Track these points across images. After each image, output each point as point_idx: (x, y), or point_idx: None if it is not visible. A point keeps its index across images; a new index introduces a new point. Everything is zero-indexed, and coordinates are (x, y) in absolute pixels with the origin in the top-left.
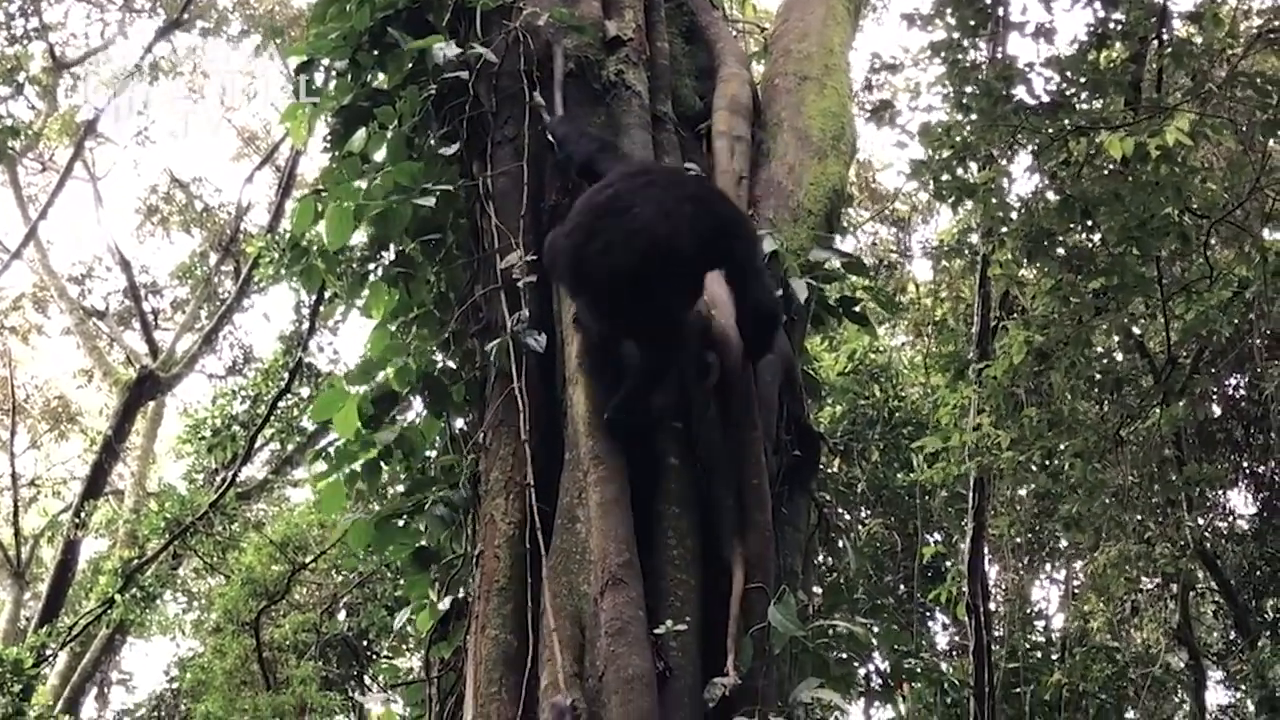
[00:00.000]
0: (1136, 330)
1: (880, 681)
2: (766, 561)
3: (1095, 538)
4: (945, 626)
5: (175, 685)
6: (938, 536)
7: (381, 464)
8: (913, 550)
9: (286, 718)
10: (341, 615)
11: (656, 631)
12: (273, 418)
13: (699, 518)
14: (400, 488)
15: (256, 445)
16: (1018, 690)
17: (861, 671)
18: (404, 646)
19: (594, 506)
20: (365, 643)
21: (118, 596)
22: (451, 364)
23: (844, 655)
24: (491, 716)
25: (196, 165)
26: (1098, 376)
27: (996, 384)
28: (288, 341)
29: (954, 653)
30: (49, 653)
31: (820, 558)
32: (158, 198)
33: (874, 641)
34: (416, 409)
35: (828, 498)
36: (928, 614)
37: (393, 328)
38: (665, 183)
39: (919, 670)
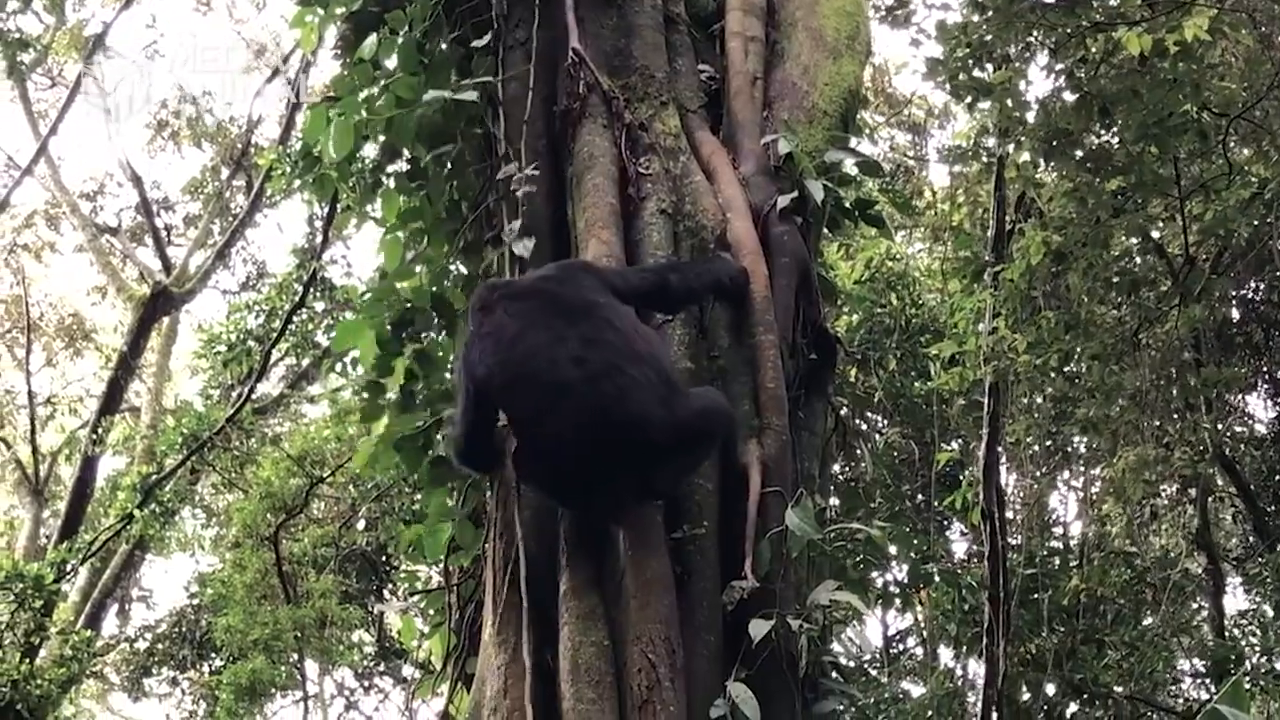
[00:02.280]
0: (1155, 234)
1: (898, 587)
2: (783, 465)
3: (1113, 442)
4: (963, 533)
5: (196, 601)
6: (954, 445)
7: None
8: (929, 459)
9: (307, 631)
10: (360, 526)
11: (674, 536)
12: (287, 332)
13: None
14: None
15: (272, 360)
16: (1035, 596)
17: (880, 582)
18: (422, 559)
19: None
20: (384, 557)
21: (136, 512)
22: (465, 271)
23: (862, 559)
24: (511, 623)
25: (206, 79)
26: (1115, 278)
27: (1013, 287)
28: (301, 255)
29: (971, 561)
30: (69, 568)
31: (838, 463)
32: (168, 113)
33: (891, 545)
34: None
35: (845, 403)
36: (944, 523)
37: (404, 235)
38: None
39: (936, 574)
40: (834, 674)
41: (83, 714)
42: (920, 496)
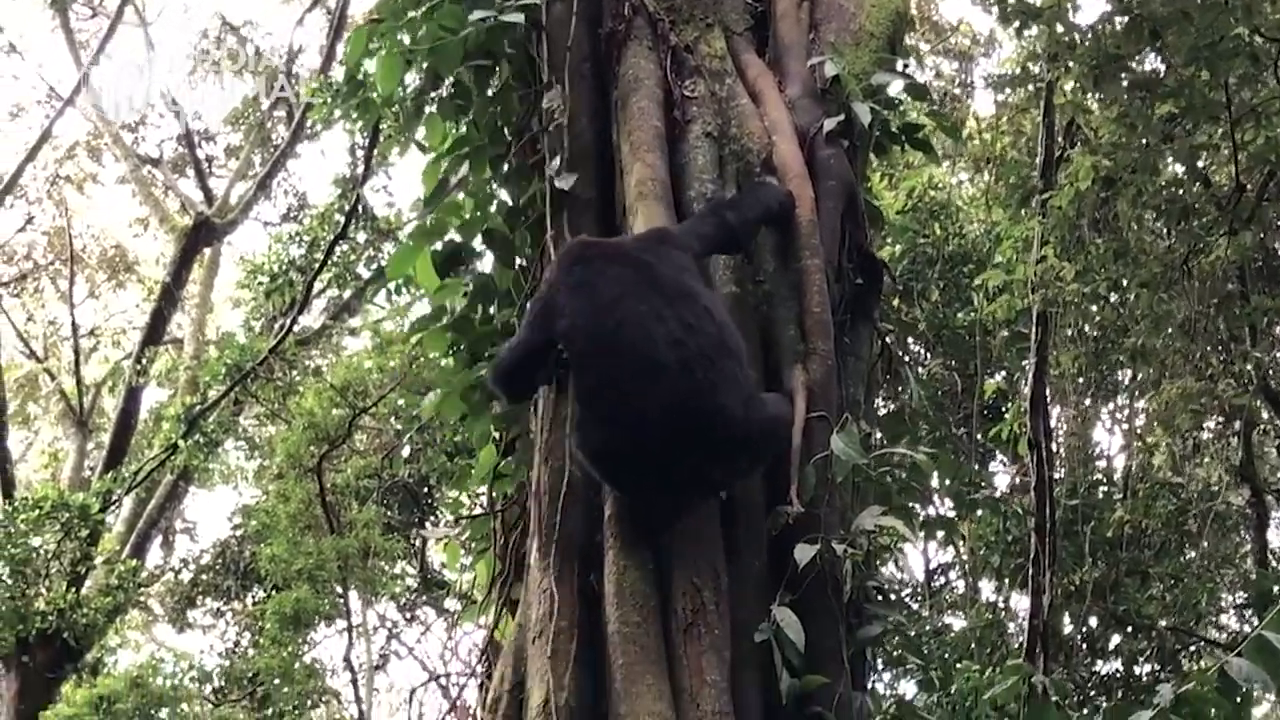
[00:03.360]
0: (1201, 164)
1: (941, 519)
2: (829, 390)
3: (1160, 372)
4: (1004, 465)
5: (239, 532)
6: (999, 377)
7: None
8: (973, 392)
9: (350, 561)
10: (405, 452)
11: None
12: (329, 263)
13: (761, 346)
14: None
15: (314, 292)
16: (1078, 529)
17: (923, 513)
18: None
19: None
20: (426, 489)
21: (180, 443)
22: (509, 200)
23: (906, 485)
24: (556, 546)
25: (247, 9)
26: (1164, 206)
27: (1061, 214)
28: (343, 184)
29: (1014, 493)
30: (114, 498)
31: (883, 391)
32: (209, 43)
33: (936, 471)
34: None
35: (891, 329)
36: (988, 455)
37: (446, 162)
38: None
39: (980, 502)
40: (878, 599)
41: (128, 644)
42: (963, 429)
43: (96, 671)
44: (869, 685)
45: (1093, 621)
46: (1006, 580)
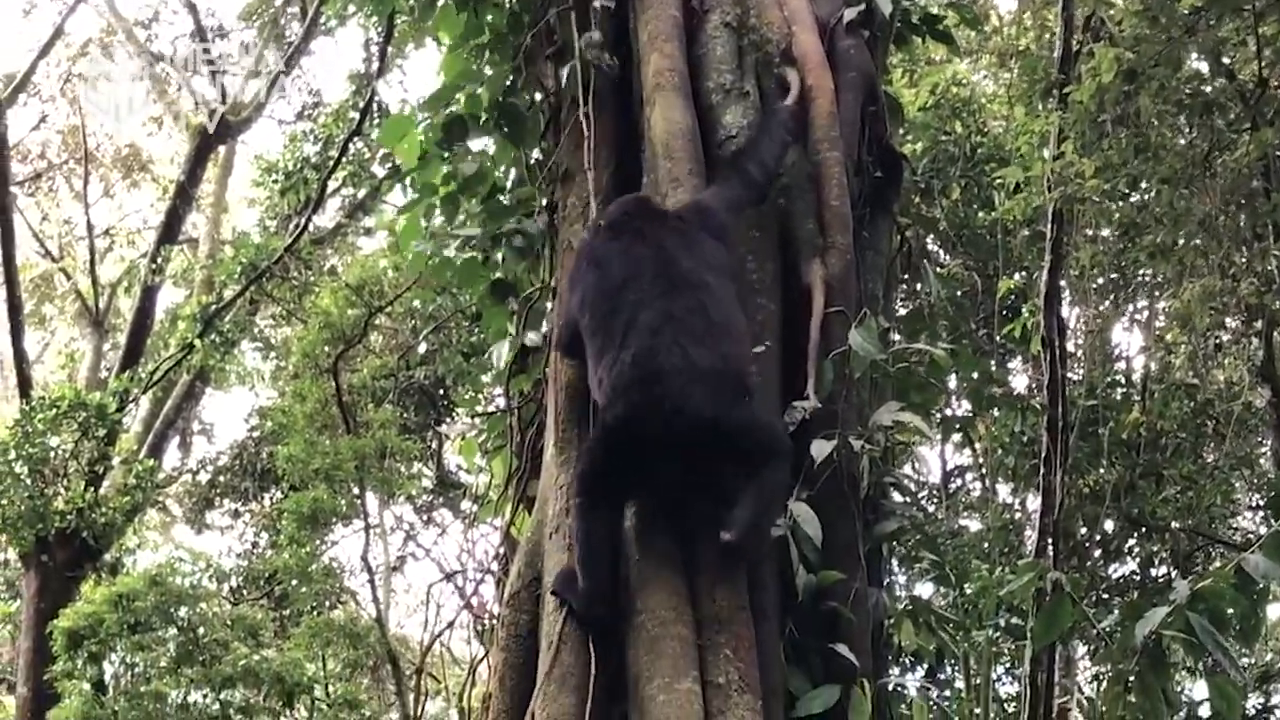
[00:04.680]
0: (1225, 58)
1: (958, 420)
2: (847, 285)
3: (1180, 270)
4: (1024, 363)
5: (256, 433)
6: (1018, 277)
7: (460, 197)
8: (992, 292)
9: (367, 461)
10: (422, 350)
11: None
12: (344, 161)
13: (779, 240)
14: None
15: (328, 190)
16: (1095, 429)
17: (941, 412)
18: (482, 392)
19: None
20: (441, 391)
21: (197, 342)
22: (525, 92)
23: (925, 381)
24: (572, 442)
25: None
26: (1186, 101)
27: (1082, 109)
28: (358, 81)
29: (1031, 394)
30: (131, 397)
31: (901, 288)
32: None
33: (955, 368)
34: (488, 142)
35: (910, 224)
36: (1007, 355)
37: (464, 54)
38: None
39: (997, 398)
40: (895, 496)
41: (147, 544)
42: (982, 330)
43: (115, 571)
44: (885, 582)
45: (1108, 525)
46: (1022, 482)
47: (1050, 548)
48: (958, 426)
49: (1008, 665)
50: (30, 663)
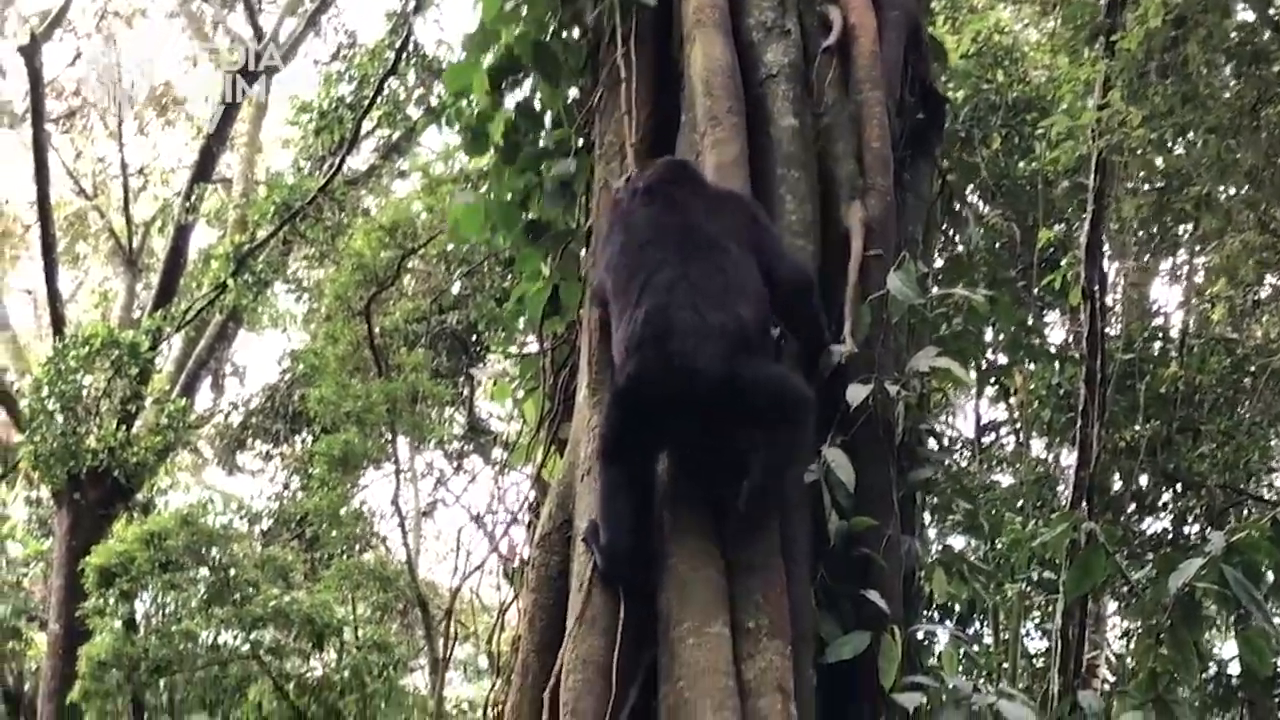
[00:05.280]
0: (1273, 10)
1: (994, 372)
2: (886, 228)
3: (1223, 222)
4: (1062, 315)
5: (288, 375)
6: (1057, 229)
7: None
8: (1031, 244)
9: (399, 405)
10: (451, 301)
11: None
12: (379, 101)
13: (818, 181)
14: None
15: (363, 130)
16: (1132, 384)
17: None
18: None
19: (711, 169)
20: (474, 336)
21: (230, 281)
22: (563, 31)
23: (963, 329)
24: (605, 384)
25: None
26: (1234, 49)
27: (1129, 56)
28: (394, 20)
29: (1069, 347)
30: (164, 336)
31: (941, 234)
32: None
33: (994, 316)
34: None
35: (951, 168)
36: (1043, 309)
37: None
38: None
39: (1035, 347)
40: (930, 443)
41: (178, 485)
42: (1020, 282)
43: (147, 510)
44: (917, 530)
45: (1142, 480)
46: (1058, 436)
47: (1085, 502)
48: (993, 380)
49: (1036, 620)
50: (62, 600)
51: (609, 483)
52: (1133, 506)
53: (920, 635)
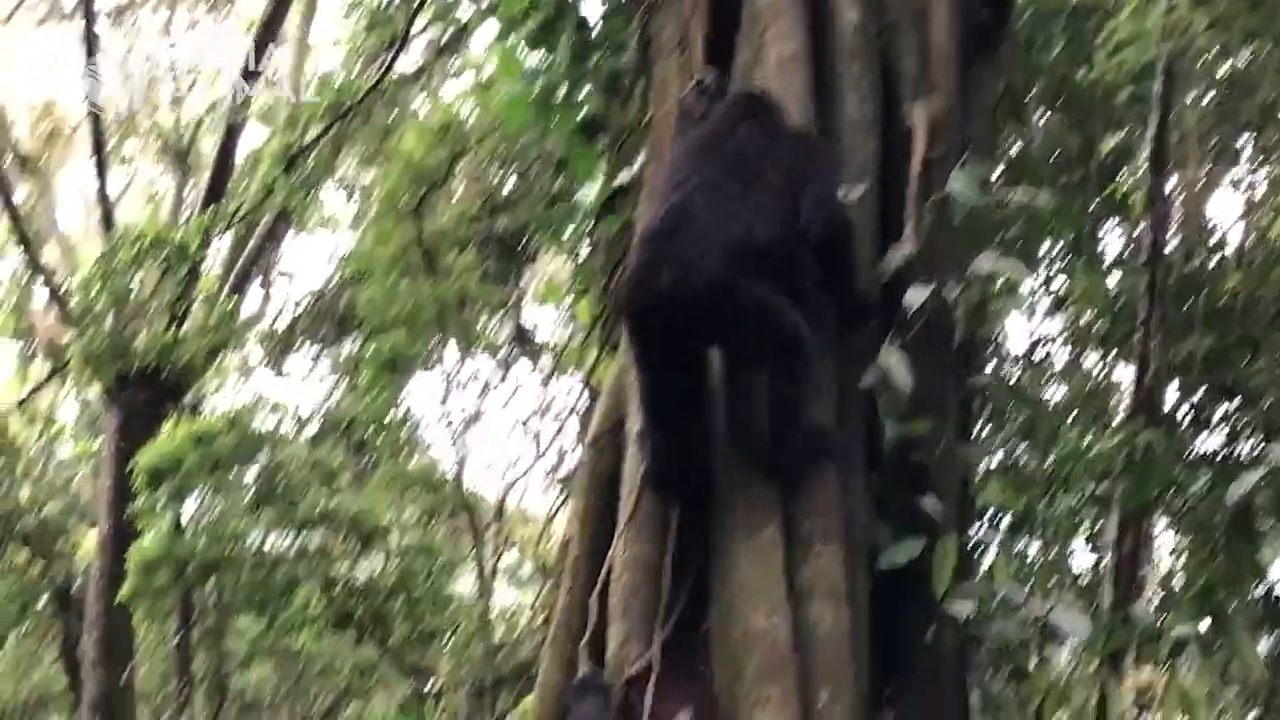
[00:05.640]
0: None
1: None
2: (950, 127)
3: None
4: (1121, 225)
5: (336, 278)
6: (1118, 137)
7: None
8: (1091, 153)
9: (448, 308)
10: (501, 205)
11: None
12: None
13: (880, 78)
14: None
15: (414, 29)
16: (1190, 295)
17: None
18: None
19: (772, 64)
20: (523, 242)
21: (281, 177)
22: None
23: (1025, 233)
24: None
25: None
26: None
27: None
28: None
29: (1126, 255)
30: (214, 234)
31: (1004, 137)
32: None
33: (1056, 220)
34: None
35: (1014, 70)
36: (1101, 220)
37: None
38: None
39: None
40: (988, 348)
41: (227, 388)
42: (1079, 191)
43: (196, 412)
44: (973, 437)
45: (1197, 394)
46: (1114, 348)
47: (1142, 416)
48: (1048, 289)
49: (1084, 538)
50: (111, 500)
51: (647, 383)
52: (1187, 421)
53: (973, 544)
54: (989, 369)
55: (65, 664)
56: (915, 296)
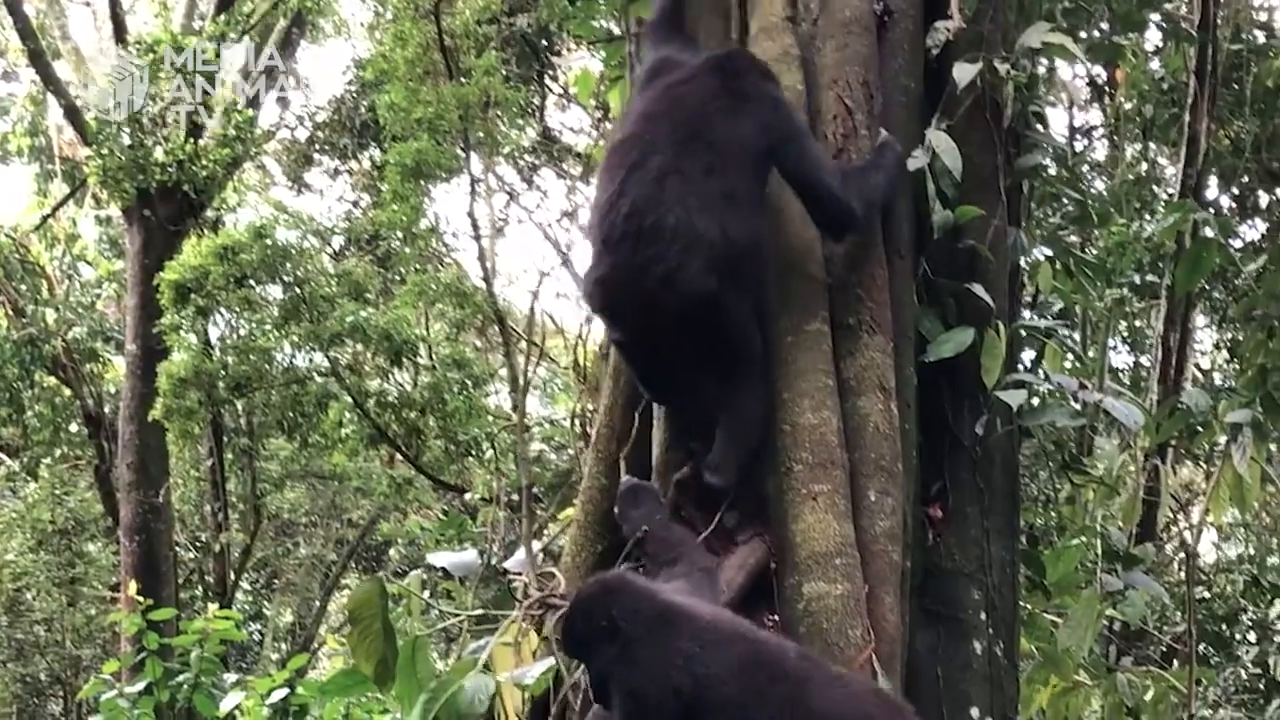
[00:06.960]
0: None
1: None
2: None
3: None
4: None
5: (354, 86)
6: None
7: None
8: None
9: (471, 111)
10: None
11: None
12: None
13: None
14: None
15: None
16: (1238, 74)
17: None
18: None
19: None
20: (545, 41)
21: None
22: None
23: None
24: None
25: None
26: None
27: None
28: None
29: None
30: (228, 42)
31: None
32: None
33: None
34: None
35: None
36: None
37: None
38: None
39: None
40: (1039, 127)
41: (247, 203)
42: None
43: (217, 229)
44: (1024, 222)
45: (1244, 179)
46: (1159, 132)
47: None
48: (1106, 53)
49: (1124, 335)
50: (138, 319)
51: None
52: (1233, 207)
53: (1023, 332)
54: (1044, 143)
55: (100, 488)
56: (963, 73)
